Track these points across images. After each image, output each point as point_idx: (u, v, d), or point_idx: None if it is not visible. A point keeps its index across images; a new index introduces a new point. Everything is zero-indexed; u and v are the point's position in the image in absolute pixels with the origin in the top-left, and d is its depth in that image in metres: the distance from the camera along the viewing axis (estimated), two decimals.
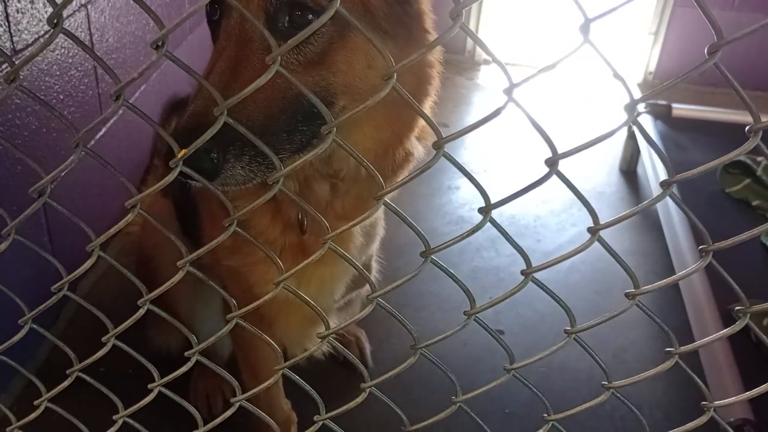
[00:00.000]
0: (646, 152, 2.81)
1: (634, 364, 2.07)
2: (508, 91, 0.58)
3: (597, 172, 3.08)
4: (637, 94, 2.50)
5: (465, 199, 2.83)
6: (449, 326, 0.79)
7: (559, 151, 0.62)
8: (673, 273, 2.31)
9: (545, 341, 2.13)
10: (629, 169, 3.07)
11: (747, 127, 0.58)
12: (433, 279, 2.29)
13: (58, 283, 0.76)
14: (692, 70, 0.58)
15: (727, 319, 1.90)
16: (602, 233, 0.66)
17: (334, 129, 0.65)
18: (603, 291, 2.36)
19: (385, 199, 0.67)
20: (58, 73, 1.94)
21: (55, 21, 0.60)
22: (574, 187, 0.62)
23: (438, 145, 0.63)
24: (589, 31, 0.56)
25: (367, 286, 1.65)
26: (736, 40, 0.55)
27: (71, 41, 2.01)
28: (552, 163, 0.62)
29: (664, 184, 0.61)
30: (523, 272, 0.70)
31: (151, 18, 0.61)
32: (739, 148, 0.58)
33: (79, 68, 2.03)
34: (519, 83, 0.57)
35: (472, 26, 4.09)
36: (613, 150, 3.17)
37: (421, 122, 1.12)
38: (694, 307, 2.02)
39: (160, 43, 0.60)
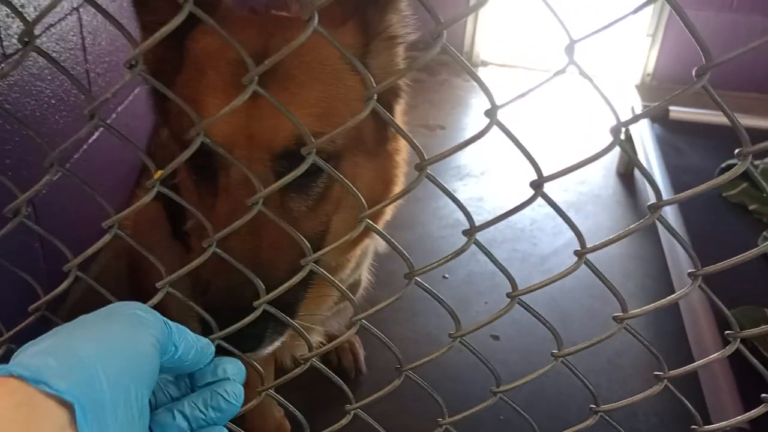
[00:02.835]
0: (643, 156, 2.79)
1: (629, 369, 2.05)
2: (491, 113, 0.57)
3: (594, 175, 3.06)
4: (635, 98, 2.46)
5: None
6: (444, 331, 0.78)
7: (550, 164, 0.60)
8: (669, 277, 2.29)
9: (541, 347, 2.11)
10: (626, 172, 3.05)
11: (737, 151, 0.57)
12: (428, 283, 2.28)
13: (35, 305, 0.74)
14: (681, 92, 0.57)
15: (724, 330, 1.89)
16: (598, 237, 0.64)
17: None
18: (599, 296, 2.34)
19: (368, 220, 0.65)
20: (49, 77, 1.92)
21: (26, 39, 0.59)
22: (560, 209, 0.61)
23: (420, 167, 0.62)
24: (574, 52, 0.55)
25: (359, 292, 1.64)
26: (724, 63, 0.53)
27: (63, 45, 2.00)
28: (537, 185, 0.60)
29: (652, 208, 0.60)
30: (509, 295, 0.68)
31: (124, 36, 0.59)
32: (726, 173, 0.56)
33: (71, 72, 2.01)
34: (502, 105, 0.56)
35: (469, 26, 4.07)
36: (611, 153, 3.11)
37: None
38: (690, 317, 2.00)
39: (133, 62, 0.59)
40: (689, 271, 0.63)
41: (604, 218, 2.83)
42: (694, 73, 0.54)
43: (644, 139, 2.77)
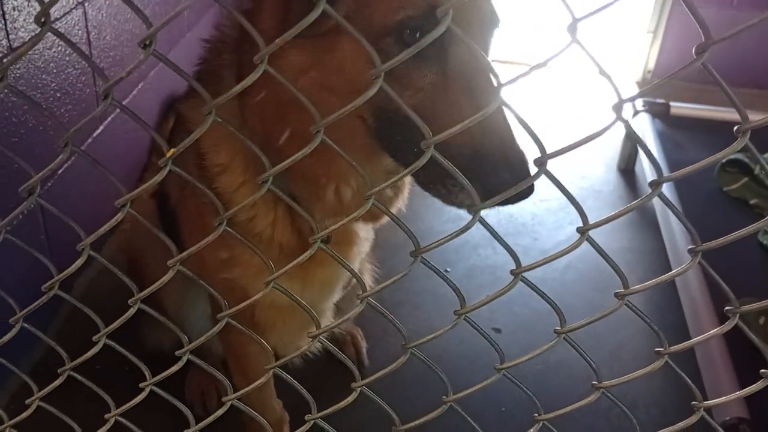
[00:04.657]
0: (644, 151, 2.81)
1: (631, 361, 2.07)
2: (495, 92, 0.58)
3: (595, 170, 3.07)
4: (635, 93, 2.46)
5: None
6: (445, 324, 0.79)
7: (553, 150, 0.62)
8: (670, 271, 2.31)
9: (542, 339, 2.09)
10: (627, 168, 3.06)
11: (735, 127, 0.58)
12: (429, 277, 2.26)
13: (48, 283, 0.76)
14: (680, 70, 0.58)
15: (723, 317, 1.90)
16: (600, 231, 0.66)
17: None
18: (601, 288, 2.36)
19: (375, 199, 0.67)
20: (54, 70, 1.94)
21: (43, 20, 0.60)
22: (563, 187, 0.62)
23: (427, 145, 0.63)
24: (577, 30, 0.56)
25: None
26: (724, 40, 0.54)
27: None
28: (541, 163, 0.62)
29: (653, 184, 0.61)
30: (512, 272, 0.70)
31: (139, 17, 0.61)
32: (727, 148, 0.58)
33: (76, 66, 2.03)
34: (506, 83, 0.57)
35: None
36: (612, 148, 3.16)
37: None
38: (690, 305, 2.02)
39: (147, 42, 0.60)
40: (689, 247, 0.64)
41: (605, 213, 2.78)
42: (693, 51, 0.56)
43: (645, 134, 2.79)
